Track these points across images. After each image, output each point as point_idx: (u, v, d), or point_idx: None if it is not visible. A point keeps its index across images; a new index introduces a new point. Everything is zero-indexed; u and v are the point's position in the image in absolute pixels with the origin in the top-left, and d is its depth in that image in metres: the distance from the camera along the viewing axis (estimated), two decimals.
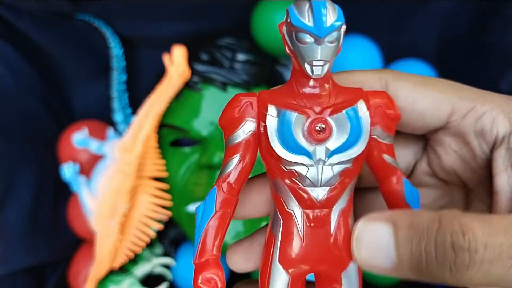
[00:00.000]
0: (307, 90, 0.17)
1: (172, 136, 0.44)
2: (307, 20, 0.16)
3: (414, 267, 0.15)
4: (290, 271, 0.18)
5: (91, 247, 0.45)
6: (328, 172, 0.17)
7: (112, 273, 0.44)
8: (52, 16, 0.45)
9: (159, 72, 0.45)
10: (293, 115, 0.17)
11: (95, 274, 0.43)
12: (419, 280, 0.15)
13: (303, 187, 0.18)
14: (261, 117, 0.18)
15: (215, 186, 0.18)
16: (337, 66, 0.45)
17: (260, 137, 0.18)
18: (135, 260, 0.45)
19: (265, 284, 0.19)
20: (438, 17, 0.48)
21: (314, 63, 0.16)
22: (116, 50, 0.46)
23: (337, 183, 0.18)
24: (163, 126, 0.44)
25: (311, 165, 0.17)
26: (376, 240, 0.16)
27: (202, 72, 0.42)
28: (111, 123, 0.47)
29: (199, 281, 0.17)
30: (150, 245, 0.46)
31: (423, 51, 0.49)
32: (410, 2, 0.48)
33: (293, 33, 0.16)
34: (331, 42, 0.16)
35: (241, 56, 0.43)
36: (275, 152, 0.17)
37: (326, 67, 0.17)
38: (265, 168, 0.19)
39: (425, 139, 0.22)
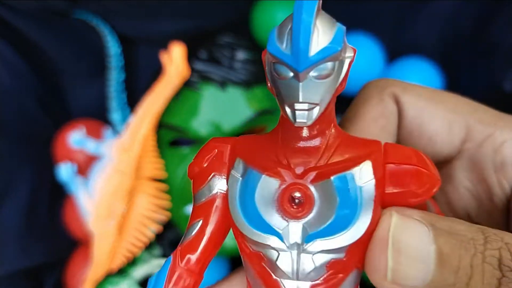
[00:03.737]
0: (292, 141, 0.13)
1: (170, 136, 0.44)
2: (285, 46, 0.11)
3: (451, 285, 0.12)
4: None
5: (88, 248, 0.45)
6: (307, 263, 0.12)
7: (110, 275, 0.44)
8: (50, 15, 0.45)
9: (158, 71, 0.44)
10: (261, 178, 0.12)
11: (93, 276, 0.43)
12: None
13: (275, 277, 0.13)
14: (228, 174, 0.14)
15: (171, 256, 0.14)
16: None
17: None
18: (133, 261, 0.45)
19: None
20: (441, 15, 0.48)
21: (296, 106, 0.12)
22: (114, 49, 0.46)
23: (323, 278, 0.12)
24: (161, 125, 0.44)
25: (283, 250, 0.12)
26: (415, 244, 0.12)
27: (201, 71, 0.42)
28: (109, 122, 0.47)
29: None
30: (148, 246, 0.46)
31: (427, 48, 0.49)
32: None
33: (271, 63, 0.12)
34: (321, 78, 0.12)
35: (240, 55, 0.43)
36: (236, 225, 0.13)
37: (314, 112, 0.12)
38: (236, 242, 0.14)
39: None
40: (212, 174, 0.14)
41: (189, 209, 0.42)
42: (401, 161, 0.12)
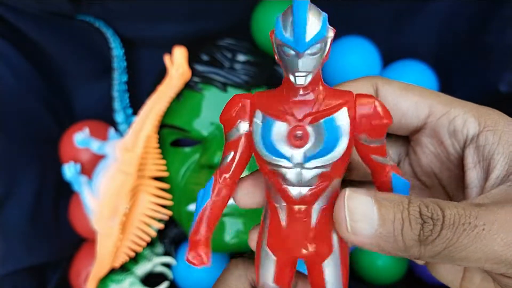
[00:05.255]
0: (293, 96, 0.19)
1: (172, 136, 0.44)
2: (289, 34, 0.17)
3: (391, 235, 0.17)
4: (276, 255, 0.21)
5: (92, 246, 0.46)
6: (306, 175, 0.19)
7: (113, 272, 0.44)
8: (53, 17, 0.46)
9: (160, 73, 0.45)
10: (274, 122, 0.19)
11: (96, 273, 0.44)
12: (391, 253, 0.18)
13: (285, 185, 0.19)
14: (251, 120, 0.20)
15: (213, 176, 0.20)
16: (337, 67, 0.45)
17: (251, 137, 0.20)
18: (136, 259, 0.45)
19: (258, 263, 0.21)
20: (437, 18, 0.48)
21: (297, 74, 0.17)
22: (117, 50, 0.46)
23: (316, 184, 0.19)
24: (163, 126, 0.44)
25: (290, 168, 0.19)
26: (362, 209, 0.17)
27: (202, 72, 0.43)
28: (112, 123, 0.48)
29: (190, 256, 0.20)
30: (151, 244, 0.46)
31: (422, 52, 0.49)
32: (408, 2, 0.48)
33: (279, 45, 0.17)
34: (313, 54, 0.17)
35: (241, 57, 0.43)
36: (259, 153, 0.19)
37: (309, 77, 0.18)
38: (257, 165, 0.21)
39: (407, 141, 0.24)
40: (239, 120, 0.20)
41: (190, 207, 0.43)
42: (365, 105, 0.19)
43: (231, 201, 0.44)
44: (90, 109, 0.51)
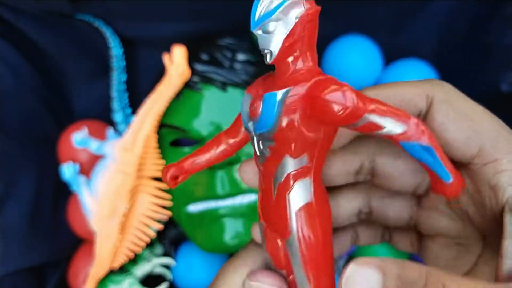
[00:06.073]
0: (269, 75, 0.21)
1: (172, 136, 0.44)
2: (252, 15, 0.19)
3: None
4: (264, 223, 0.22)
5: (91, 247, 0.46)
6: (259, 145, 0.20)
7: (112, 273, 0.44)
8: (52, 17, 0.45)
9: (159, 72, 0.45)
10: (248, 96, 0.21)
11: (95, 274, 0.43)
12: None
13: (255, 152, 0.21)
14: None
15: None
16: (337, 66, 0.45)
17: None
18: (135, 260, 0.45)
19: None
20: (438, 17, 0.48)
21: (263, 52, 0.19)
22: (116, 50, 0.46)
23: (268, 156, 0.20)
24: (163, 126, 0.44)
25: (252, 137, 0.20)
26: (364, 284, 0.16)
27: (202, 72, 0.42)
28: (111, 123, 0.48)
29: (169, 170, 0.22)
30: (150, 245, 0.46)
31: (423, 51, 0.49)
32: (410, 2, 0.48)
33: None
34: (267, 32, 0.18)
35: (241, 56, 0.43)
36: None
37: (269, 56, 0.19)
38: None
39: None
40: (246, 94, 0.21)
41: (190, 208, 0.42)
42: (316, 92, 0.18)
43: (231, 201, 0.44)
44: (88, 108, 0.51)
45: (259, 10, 0.18)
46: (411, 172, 0.21)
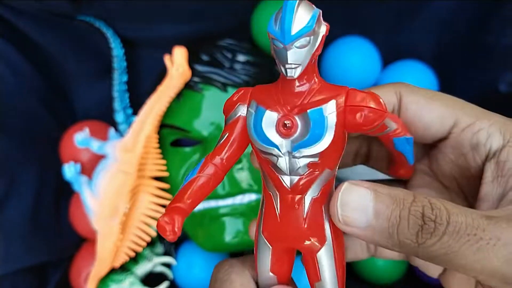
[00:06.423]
0: (286, 88, 0.20)
1: (172, 136, 0.44)
2: (277, 28, 0.18)
3: (386, 230, 0.17)
4: (272, 244, 0.21)
5: (92, 246, 0.46)
6: (295, 163, 0.19)
7: (113, 272, 0.44)
8: (54, 17, 0.46)
9: (160, 73, 0.45)
10: (265, 112, 0.19)
11: (97, 273, 0.44)
12: (387, 247, 0.18)
13: (276, 174, 0.20)
14: (248, 109, 0.21)
15: (204, 157, 0.21)
16: (336, 67, 0.46)
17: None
18: (136, 259, 0.45)
19: (256, 253, 0.22)
20: (437, 18, 0.48)
21: (287, 66, 0.18)
22: (117, 50, 0.47)
23: (305, 174, 0.19)
24: (163, 126, 0.44)
25: (280, 156, 0.19)
26: (357, 200, 0.18)
27: (202, 72, 0.43)
28: (113, 123, 0.48)
29: (163, 219, 0.20)
30: (151, 244, 0.46)
31: (422, 52, 0.49)
32: (408, 2, 0.48)
33: (271, 39, 0.19)
34: (301, 47, 0.18)
35: (241, 57, 0.43)
36: (252, 142, 0.20)
37: (298, 70, 0.18)
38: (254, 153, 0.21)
39: (427, 145, 0.24)
40: (238, 103, 0.20)
41: None
42: (356, 102, 0.19)
43: (231, 201, 0.44)
44: (90, 109, 0.51)
45: (297, 22, 0.18)
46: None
